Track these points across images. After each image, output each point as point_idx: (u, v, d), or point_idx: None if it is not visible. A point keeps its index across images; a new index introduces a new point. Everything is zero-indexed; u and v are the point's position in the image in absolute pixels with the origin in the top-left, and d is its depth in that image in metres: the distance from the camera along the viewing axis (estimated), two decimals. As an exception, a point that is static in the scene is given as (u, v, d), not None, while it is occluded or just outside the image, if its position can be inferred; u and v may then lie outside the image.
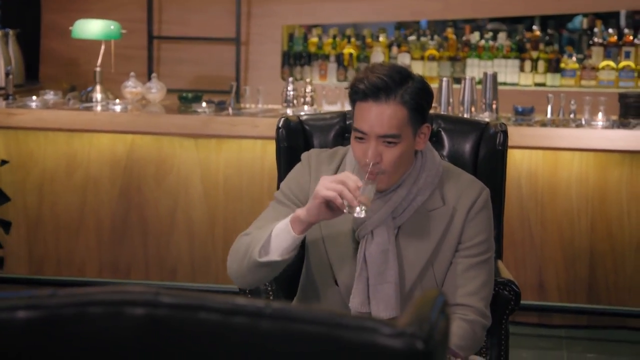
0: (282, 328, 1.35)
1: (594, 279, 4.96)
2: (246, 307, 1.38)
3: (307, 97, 5.27)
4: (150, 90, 5.49)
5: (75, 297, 1.38)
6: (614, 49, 6.55)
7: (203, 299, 1.39)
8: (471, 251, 2.73)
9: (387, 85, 2.58)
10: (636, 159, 4.85)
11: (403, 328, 1.33)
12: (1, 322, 1.37)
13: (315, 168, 2.84)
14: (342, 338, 1.34)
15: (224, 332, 1.37)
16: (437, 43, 6.73)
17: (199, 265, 5.24)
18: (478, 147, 3.25)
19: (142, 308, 1.37)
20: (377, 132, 2.60)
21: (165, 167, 5.20)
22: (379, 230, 2.71)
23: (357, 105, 2.64)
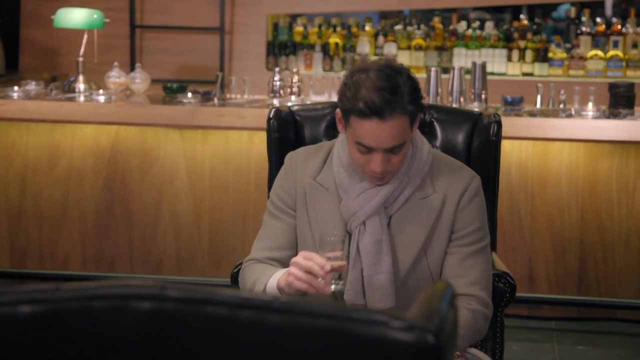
0: (290, 322, 1.35)
1: (584, 271, 4.98)
2: (253, 300, 1.37)
3: (294, 87, 5.25)
4: (134, 80, 5.46)
5: (81, 291, 1.38)
6: (602, 39, 6.57)
7: (210, 293, 1.39)
8: (466, 240, 2.74)
9: (389, 102, 2.54)
10: (626, 150, 4.87)
11: (413, 321, 1.33)
12: (4, 316, 1.37)
13: (302, 167, 2.85)
14: (352, 332, 1.34)
15: (231, 326, 1.36)
16: (423, 32, 6.73)
17: (184, 258, 5.23)
18: (471, 138, 3.26)
19: (149, 302, 1.36)
20: (384, 147, 2.59)
21: (150, 158, 5.19)
22: (372, 220, 2.72)
23: (355, 119, 2.59)
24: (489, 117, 3.24)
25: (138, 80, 5.46)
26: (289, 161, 2.89)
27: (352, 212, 2.72)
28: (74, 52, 6.31)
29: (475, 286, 2.70)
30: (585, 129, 4.73)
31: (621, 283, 4.97)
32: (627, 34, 6.55)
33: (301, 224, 2.82)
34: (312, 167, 2.83)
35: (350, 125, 2.62)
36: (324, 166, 2.83)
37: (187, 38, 6.72)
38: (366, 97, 2.54)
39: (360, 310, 1.36)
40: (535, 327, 4.95)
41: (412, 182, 2.73)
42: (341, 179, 2.76)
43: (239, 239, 5.16)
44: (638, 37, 6.52)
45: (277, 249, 2.82)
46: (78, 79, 5.43)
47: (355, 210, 2.72)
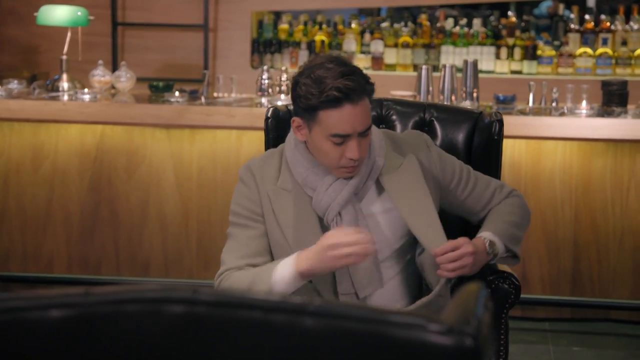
0: (326, 326, 1.36)
1: (578, 271, 5.01)
2: (288, 304, 1.38)
3: (282, 85, 5.26)
4: (119, 79, 5.45)
5: (112, 295, 1.38)
6: (591, 36, 6.60)
7: (243, 297, 1.40)
8: (464, 179, 2.98)
9: (359, 83, 2.69)
10: (620, 148, 4.90)
11: (451, 325, 1.34)
12: (34, 321, 1.37)
13: (259, 176, 2.88)
14: (388, 335, 1.35)
15: (265, 330, 1.37)
16: (410, 30, 6.74)
17: (172, 260, 5.22)
18: (472, 137, 3.28)
19: (181, 305, 1.37)
20: (359, 130, 2.71)
21: (136, 158, 5.17)
22: (346, 209, 2.81)
23: (326, 113, 2.69)
24: (490, 115, 3.27)
25: (123, 79, 5.45)
26: (245, 172, 2.91)
27: (326, 206, 2.80)
28: (54, 50, 6.30)
29: (505, 188, 3.05)
30: (579, 128, 4.76)
31: (615, 283, 5.00)
32: (616, 31, 6.58)
33: (272, 232, 2.82)
34: (269, 174, 2.88)
35: (318, 123, 2.71)
36: (280, 170, 2.88)
37: (170, 35, 6.71)
38: (336, 85, 2.66)
39: (397, 313, 1.37)
40: (529, 329, 4.97)
41: (377, 162, 2.85)
42: (304, 178, 2.83)
43: (227, 240, 5.15)
44: (627, 35, 6.56)
45: (255, 255, 2.81)
46: (62, 78, 5.42)
47: (328, 203, 2.80)
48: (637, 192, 4.92)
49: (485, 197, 2.99)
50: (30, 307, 1.38)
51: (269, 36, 6.75)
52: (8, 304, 1.38)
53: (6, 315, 1.38)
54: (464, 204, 2.98)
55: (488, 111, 3.30)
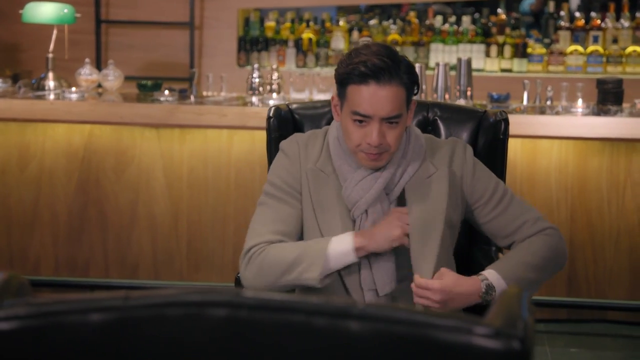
0: (371, 329, 1.36)
1: (574, 271, 5.03)
2: (331, 307, 1.38)
3: (273, 84, 5.25)
4: (107, 77, 5.44)
5: (153, 299, 1.38)
6: (582, 33, 6.63)
7: (286, 300, 1.39)
8: (495, 199, 2.91)
9: (389, 66, 2.68)
10: (616, 147, 4.92)
11: (499, 328, 1.34)
12: (74, 324, 1.37)
13: (303, 153, 2.91)
14: (435, 339, 1.35)
15: (308, 333, 1.37)
16: (399, 27, 6.76)
17: (161, 262, 5.21)
18: (476, 136, 3.29)
19: (224, 309, 1.36)
20: (381, 114, 2.70)
21: (125, 158, 5.16)
22: (373, 208, 2.82)
23: (353, 88, 2.71)
24: (495, 115, 3.28)
25: (111, 78, 5.43)
26: (289, 147, 2.93)
27: (354, 201, 2.82)
28: (36, 48, 6.28)
29: (539, 221, 2.91)
30: (575, 127, 4.78)
31: (611, 284, 5.02)
32: (607, 29, 6.62)
33: (306, 209, 2.86)
34: (312, 153, 2.91)
35: (346, 98, 2.73)
36: (322, 152, 2.90)
37: (155, 33, 6.68)
38: (366, 60, 2.68)
39: (443, 316, 1.37)
40: (525, 330, 4.98)
41: (412, 165, 2.85)
42: (339, 166, 2.85)
43: (218, 241, 5.15)
44: (618, 32, 6.60)
45: (290, 235, 2.83)
46: (48, 76, 5.39)
47: (356, 199, 2.81)
48: (633, 192, 4.94)
49: (512, 226, 2.89)
50: (69, 311, 1.37)
51: (255, 34, 6.74)
52: (48, 308, 1.38)
53: (45, 319, 1.37)
54: (487, 226, 2.93)
55: (492, 110, 3.31)
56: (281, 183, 2.88)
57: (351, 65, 2.69)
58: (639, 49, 6.49)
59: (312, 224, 2.84)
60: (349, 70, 2.69)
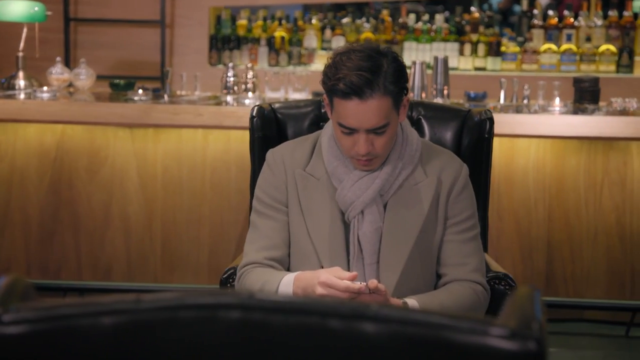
0: (387, 331, 1.36)
1: (551, 270, 5.06)
2: (346, 309, 1.38)
3: (248, 83, 5.24)
4: (78, 76, 5.40)
5: (166, 301, 1.37)
6: (555, 32, 6.68)
7: (299, 302, 1.40)
8: (462, 226, 2.88)
9: (369, 80, 2.65)
10: (594, 146, 4.96)
11: (514, 329, 1.35)
12: (85, 328, 1.36)
13: (289, 159, 2.91)
14: (450, 340, 1.35)
15: (323, 335, 1.37)
16: (372, 26, 6.77)
17: (136, 264, 5.18)
18: (461, 135, 3.30)
19: (237, 311, 1.36)
20: (366, 127, 2.70)
21: (98, 158, 5.13)
22: (370, 209, 2.82)
23: (337, 100, 2.71)
24: (479, 114, 3.29)
25: (83, 77, 5.40)
26: (272, 157, 2.94)
27: (349, 202, 2.81)
28: (6, 47, 6.22)
29: (476, 273, 2.86)
30: (552, 125, 4.80)
31: (589, 283, 5.06)
32: (580, 27, 6.66)
33: (294, 215, 2.87)
34: (300, 158, 2.91)
35: (334, 107, 2.74)
36: (312, 156, 2.91)
37: (125, 32, 6.66)
38: (345, 78, 2.65)
39: (458, 318, 1.38)
40: (503, 330, 5.00)
41: (405, 168, 2.85)
42: (334, 167, 2.84)
43: (193, 242, 5.14)
44: (591, 31, 6.64)
45: (273, 248, 2.86)
46: (18, 76, 5.36)
47: (352, 200, 2.81)
48: (611, 191, 4.98)
49: (453, 260, 2.86)
50: (81, 315, 1.36)
51: (227, 32, 6.73)
52: (58, 311, 1.37)
53: (57, 322, 1.36)
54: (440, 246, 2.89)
55: (477, 109, 3.32)
56: (265, 197, 2.91)
57: (332, 81, 2.68)
58: (612, 48, 6.54)
59: (300, 230, 2.85)
60: (331, 86, 2.69)
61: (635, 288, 5.05)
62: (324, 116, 3.34)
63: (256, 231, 2.91)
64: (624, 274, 5.04)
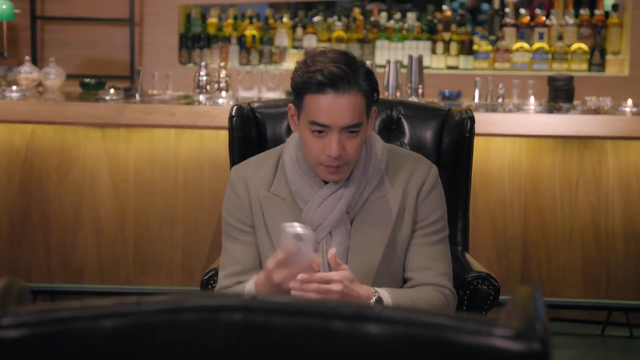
0: (390, 332, 1.36)
1: (527, 270, 5.09)
2: (350, 310, 1.38)
3: (221, 82, 5.23)
4: (48, 76, 5.38)
5: (167, 304, 1.37)
6: (527, 30, 6.70)
7: (302, 303, 1.39)
8: (429, 229, 2.83)
9: (347, 74, 2.62)
10: (569, 145, 4.99)
11: (519, 330, 1.36)
12: (86, 331, 1.36)
13: (251, 179, 2.85)
14: (456, 341, 1.36)
15: (325, 337, 1.37)
16: (344, 24, 6.77)
17: (107, 266, 5.16)
18: (441, 135, 3.31)
19: (239, 313, 1.36)
20: (340, 124, 2.64)
21: (69, 159, 5.10)
22: (338, 230, 2.77)
23: (310, 97, 2.65)
24: (460, 113, 3.30)
25: (52, 76, 5.37)
26: (235, 177, 2.88)
27: (317, 224, 2.75)
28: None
29: (443, 277, 2.82)
30: (528, 124, 4.83)
31: (565, 282, 5.09)
32: (552, 26, 6.70)
33: (261, 238, 2.82)
34: (263, 178, 2.84)
35: (304, 108, 2.67)
36: (275, 175, 2.84)
37: (94, 30, 6.61)
38: (323, 68, 2.62)
39: (462, 319, 1.38)
40: (479, 330, 5.02)
41: (370, 183, 2.79)
42: (298, 188, 2.78)
43: (166, 243, 5.12)
44: (563, 29, 6.68)
45: (243, 273, 2.81)
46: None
47: (318, 221, 2.75)
48: (586, 190, 5.01)
49: (419, 264, 2.82)
50: (81, 317, 1.36)
51: (197, 31, 6.70)
52: (58, 314, 1.36)
53: (56, 325, 1.36)
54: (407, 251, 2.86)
55: (457, 108, 3.34)
56: (232, 220, 2.85)
57: (307, 74, 2.63)
58: (584, 46, 6.58)
59: (268, 252, 2.76)
60: (306, 79, 2.63)
61: (611, 287, 5.09)
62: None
63: (227, 256, 2.86)
64: (600, 273, 5.08)
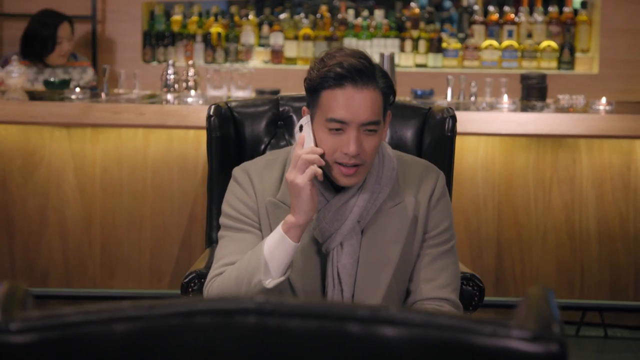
0: (407, 335, 1.36)
1: (501, 270, 5.11)
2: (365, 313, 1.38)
3: (189, 81, 5.22)
4: (10, 74, 5.33)
5: (180, 307, 1.36)
6: (496, 28, 6.74)
7: (317, 305, 1.39)
8: (436, 240, 2.80)
9: (367, 68, 2.59)
10: (542, 143, 5.02)
11: (536, 331, 1.36)
12: (97, 335, 1.35)
13: (258, 183, 2.78)
14: (474, 344, 1.36)
15: (341, 340, 1.37)
16: (311, 22, 6.77)
17: (74, 269, 5.13)
18: (422, 134, 3.32)
19: (253, 316, 1.36)
20: (360, 120, 2.58)
21: (33, 159, 5.06)
22: (349, 241, 2.71)
23: (327, 93, 2.59)
24: (441, 112, 3.31)
25: (15, 75, 5.33)
26: (243, 176, 2.80)
27: (327, 234, 2.70)
28: None
29: (446, 289, 2.77)
30: (502, 123, 4.86)
31: (539, 282, 5.12)
32: (521, 23, 6.74)
33: None
34: (269, 184, 2.78)
35: (319, 106, 2.62)
36: (281, 182, 2.77)
37: (55, 27, 6.57)
38: (342, 61, 2.58)
39: (480, 321, 1.39)
40: (453, 331, 5.04)
41: (383, 191, 2.73)
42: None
43: (134, 246, 5.09)
44: (532, 27, 6.73)
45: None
46: (-54, 74, 5.27)
47: (330, 232, 2.70)
48: (560, 188, 5.05)
49: (423, 275, 2.78)
50: (92, 322, 1.35)
51: (161, 28, 6.68)
52: (68, 318, 1.35)
53: (66, 330, 1.35)
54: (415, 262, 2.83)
55: (438, 107, 3.35)
56: (236, 213, 2.76)
57: (325, 67, 2.58)
58: (554, 44, 6.63)
59: None
60: (323, 73, 2.58)
61: (585, 287, 5.13)
62: (282, 115, 3.34)
63: (226, 247, 2.75)
64: (574, 273, 5.12)
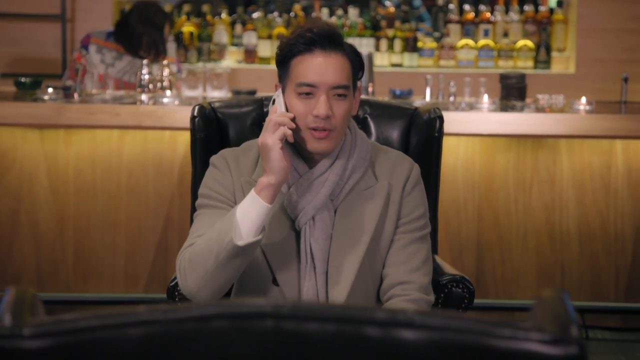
0: (426, 338, 1.37)
1: (482, 272, 5.13)
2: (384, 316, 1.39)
3: (164, 81, 5.21)
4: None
5: (196, 311, 1.36)
6: (472, 27, 6.78)
7: (335, 309, 1.40)
8: (410, 226, 2.86)
9: (336, 35, 2.75)
10: (522, 144, 5.05)
11: (556, 334, 1.37)
12: (112, 340, 1.35)
13: (234, 166, 2.86)
14: (493, 347, 1.37)
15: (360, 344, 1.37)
16: (284, 21, 6.78)
17: (46, 273, 5.10)
18: (408, 134, 3.33)
19: (270, 320, 1.36)
20: (329, 83, 2.72)
21: (4, 161, 5.03)
22: (321, 215, 2.78)
23: (297, 60, 2.73)
24: (428, 112, 3.33)
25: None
26: (220, 160, 2.88)
27: (300, 208, 2.77)
28: None
29: (416, 273, 2.82)
30: (482, 123, 4.88)
31: (519, 284, 5.15)
32: (497, 22, 6.77)
33: None
34: (245, 166, 2.87)
35: (290, 75, 2.75)
36: (257, 164, 2.86)
37: (22, 26, 6.54)
38: (311, 28, 2.74)
39: (499, 324, 1.40)
40: (434, 334, 5.06)
41: (356, 172, 2.82)
42: None
43: (109, 249, 5.07)
44: (508, 26, 6.76)
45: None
46: None
47: (302, 205, 2.77)
48: (540, 189, 5.08)
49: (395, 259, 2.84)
50: (107, 326, 1.35)
51: (131, 27, 6.65)
52: (82, 323, 1.35)
53: (80, 335, 1.34)
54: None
55: (425, 107, 3.36)
56: (213, 193, 2.83)
57: (295, 37, 2.73)
58: (530, 43, 6.67)
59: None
60: (293, 40, 2.73)
61: (565, 288, 5.16)
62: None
63: (201, 222, 2.80)
64: (554, 274, 5.15)
